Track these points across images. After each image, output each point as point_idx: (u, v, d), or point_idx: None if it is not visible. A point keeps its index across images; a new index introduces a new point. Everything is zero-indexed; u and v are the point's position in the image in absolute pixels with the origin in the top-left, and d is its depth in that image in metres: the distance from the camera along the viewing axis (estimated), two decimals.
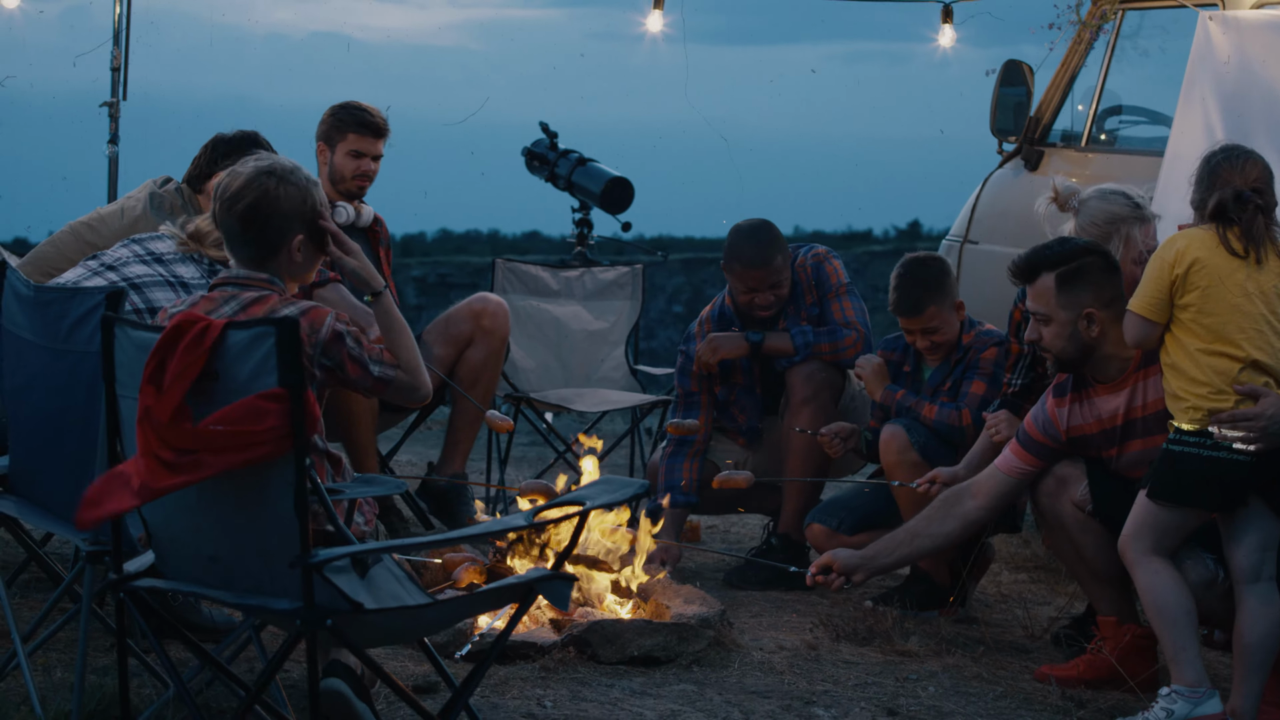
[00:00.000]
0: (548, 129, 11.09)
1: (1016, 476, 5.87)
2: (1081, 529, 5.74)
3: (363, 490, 4.39)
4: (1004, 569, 7.53)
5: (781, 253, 7.08)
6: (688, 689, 5.43)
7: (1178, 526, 5.20)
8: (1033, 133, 8.58)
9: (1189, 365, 5.12)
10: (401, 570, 4.27)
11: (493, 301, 7.60)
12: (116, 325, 3.85)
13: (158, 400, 3.66)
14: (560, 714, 5.08)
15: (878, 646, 6.07)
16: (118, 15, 9.35)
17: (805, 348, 7.06)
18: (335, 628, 3.61)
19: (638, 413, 8.62)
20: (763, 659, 5.82)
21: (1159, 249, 5.26)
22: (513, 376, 8.40)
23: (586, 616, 5.84)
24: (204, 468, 3.61)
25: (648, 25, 9.95)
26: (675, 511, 7.20)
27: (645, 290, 8.94)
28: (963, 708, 5.41)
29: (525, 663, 5.56)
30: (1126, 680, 5.58)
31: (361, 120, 7.45)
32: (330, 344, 4.37)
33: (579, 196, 10.97)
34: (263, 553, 3.69)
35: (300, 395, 3.55)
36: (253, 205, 4.45)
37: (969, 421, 6.55)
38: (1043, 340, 5.59)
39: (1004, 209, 8.71)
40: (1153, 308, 5.19)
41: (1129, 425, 5.57)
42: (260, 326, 3.60)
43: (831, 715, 5.26)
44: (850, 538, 6.64)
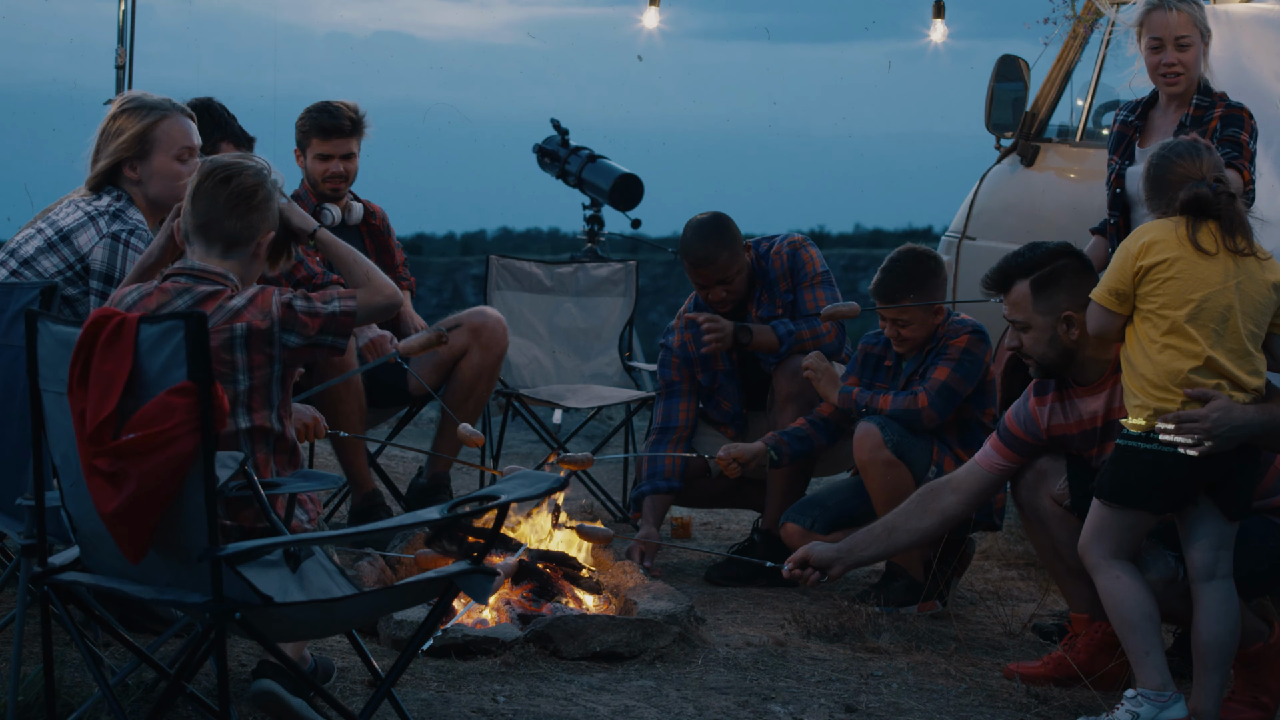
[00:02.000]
0: (559, 125, 11.13)
1: (996, 472, 5.85)
2: (1058, 523, 5.71)
3: (299, 485, 4.41)
4: (994, 565, 7.50)
5: (729, 249, 7.06)
6: (646, 685, 5.42)
7: (1131, 527, 5.16)
8: (1029, 128, 8.54)
9: (1142, 361, 5.08)
10: (334, 565, 4.28)
11: (492, 317, 7.59)
12: (40, 320, 3.87)
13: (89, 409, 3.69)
14: (512, 709, 5.08)
15: (848, 643, 6.06)
16: (122, 13, 9.40)
17: (788, 336, 7.05)
18: (244, 620, 3.62)
19: (630, 408, 8.61)
20: (728, 655, 5.81)
21: (1126, 239, 5.22)
22: (505, 371, 8.40)
23: (553, 612, 5.85)
24: (130, 477, 3.62)
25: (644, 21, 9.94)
26: (657, 499, 7.19)
27: (639, 287, 8.94)
28: (922, 704, 5.39)
29: (486, 658, 5.56)
30: (1096, 678, 5.55)
31: (321, 124, 7.46)
32: (284, 318, 4.47)
33: (589, 193, 11.02)
34: (179, 547, 3.70)
35: (208, 389, 3.56)
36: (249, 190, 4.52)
37: (925, 404, 6.52)
38: (1023, 347, 5.57)
39: (1001, 205, 8.69)
40: (1114, 298, 5.15)
41: (1109, 426, 5.53)
42: (169, 320, 3.61)
43: (789, 712, 5.25)
44: (824, 536, 6.61)
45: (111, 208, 5.34)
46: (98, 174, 5.43)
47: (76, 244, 5.28)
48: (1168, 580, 5.34)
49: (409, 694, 5.13)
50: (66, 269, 5.27)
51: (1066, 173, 8.38)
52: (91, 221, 5.31)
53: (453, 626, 5.60)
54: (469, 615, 5.78)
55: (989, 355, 6.71)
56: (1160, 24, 6.32)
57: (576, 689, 5.33)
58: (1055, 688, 5.59)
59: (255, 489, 4.27)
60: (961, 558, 6.75)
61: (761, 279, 7.18)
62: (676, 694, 5.35)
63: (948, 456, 6.57)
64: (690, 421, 7.33)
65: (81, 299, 5.25)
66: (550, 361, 8.73)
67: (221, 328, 4.41)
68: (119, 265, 5.23)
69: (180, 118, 5.48)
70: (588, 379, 8.74)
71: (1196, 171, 5.14)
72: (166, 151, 5.39)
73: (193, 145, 5.47)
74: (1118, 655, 5.51)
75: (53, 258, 5.26)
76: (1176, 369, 5.01)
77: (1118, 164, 6.49)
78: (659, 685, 5.43)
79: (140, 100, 5.46)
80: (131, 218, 5.34)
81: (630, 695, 5.30)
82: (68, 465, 3.80)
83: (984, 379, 6.71)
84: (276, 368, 4.51)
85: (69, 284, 5.27)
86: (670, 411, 7.31)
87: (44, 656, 3.97)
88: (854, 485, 6.82)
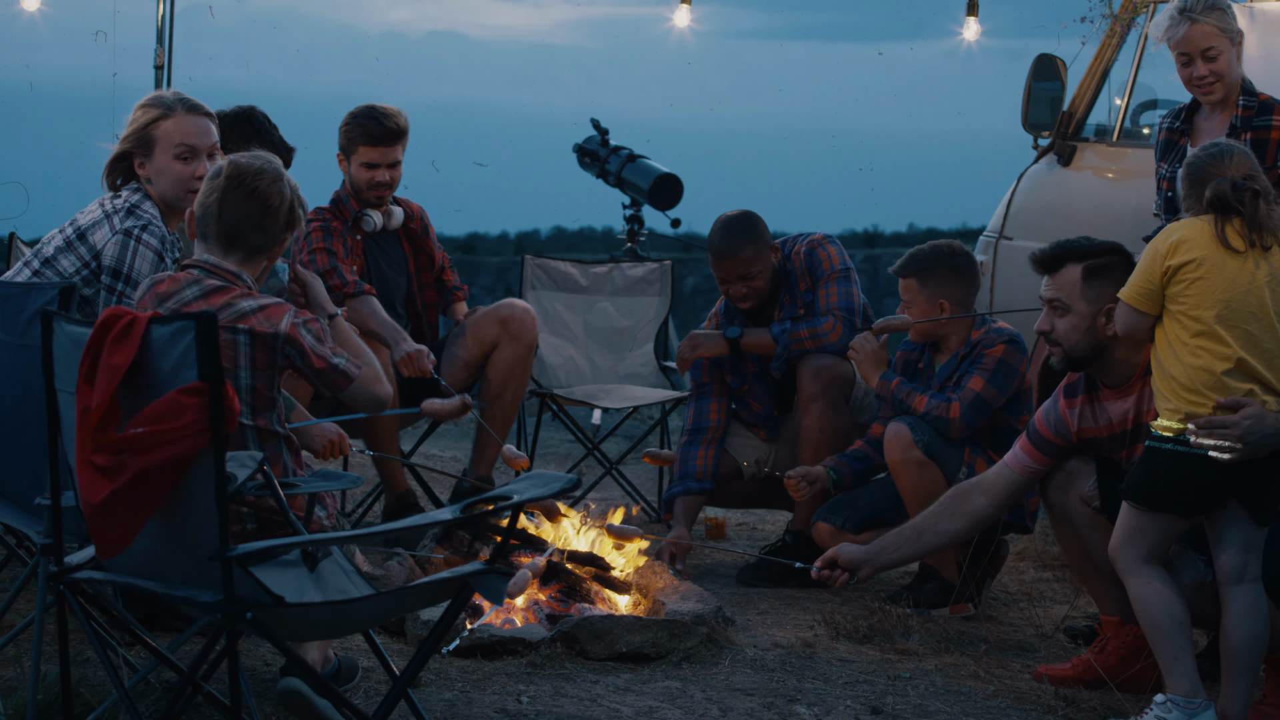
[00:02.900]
0: (599, 125, 11.13)
1: (1026, 474, 5.82)
2: (1088, 525, 5.68)
3: (317, 485, 4.41)
4: (1029, 567, 7.47)
5: (753, 245, 7.04)
6: (672, 686, 5.41)
7: (1161, 531, 5.13)
8: (1066, 127, 8.50)
9: (1173, 363, 5.05)
10: (352, 565, 4.28)
11: (519, 308, 7.57)
12: (55, 320, 3.88)
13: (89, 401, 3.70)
14: (535, 710, 5.07)
15: (877, 645, 6.03)
16: (160, 14, 9.45)
17: (782, 335, 7.03)
18: (256, 620, 3.63)
19: (665, 409, 8.61)
20: (755, 656, 5.79)
21: (1154, 239, 5.19)
22: (540, 372, 8.40)
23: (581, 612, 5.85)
24: (127, 470, 3.63)
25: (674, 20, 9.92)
26: (689, 500, 7.18)
27: (675, 286, 8.92)
28: (949, 706, 5.37)
29: (512, 658, 5.56)
30: (1126, 681, 5.52)
31: (369, 131, 7.38)
32: (291, 337, 4.46)
33: (629, 193, 11.01)
34: (192, 546, 3.71)
35: (219, 389, 3.56)
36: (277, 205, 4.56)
37: (956, 414, 6.49)
38: (1055, 331, 5.53)
39: (1038, 204, 8.65)
40: (1143, 297, 5.12)
41: (1138, 429, 5.50)
42: (180, 321, 3.62)
43: (814, 713, 5.23)
44: (856, 536, 6.60)
45: (127, 203, 5.34)
46: (109, 164, 5.43)
47: (91, 241, 5.29)
48: (1197, 584, 5.31)
49: (432, 694, 5.14)
50: (83, 267, 5.28)
51: (1104, 172, 8.34)
52: (107, 219, 5.32)
53: (479, 627, 5.59)
54: (497, 615, 5.78)
55: (1024, 364, 6.68)
56: (1185, 39, 6.29)
57: (601, 689, 5.33)
58: (1084, 690, 5.56)
59: (273, 488, 4.27)
60: (995, 560, 6.72)
61: (784, 279, 7.16)
62: (701, 695, 5.33)
63: (979, 458, 6.54)
64: (722, 422, 7.32)
65: (97, 298, 5.26)
66: (585, 361, 8.72)
67: (226, 325, 4.42)
68: (129, 261, 5.23)
69: (185, 117, 5.44)
70: (623, 379, 8.73)
71: (1226, 171, 5.11)
72: (165, 151, 5.38)
73: (195, 145, 5.43)
74: (1144, 658, 5.48)
75: (70, 256, 5.27)
76: (1208, 372, 4.98)
77: (1167, 168, 6.45)
78: (684, 686, 5.41)
79: (156, 97, 5.46)
80: (145, 213, 5.34)
81: (655, 696, 5.29)
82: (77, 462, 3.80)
83: (1019, 388, 6.67)
84: (276, 376, 4.52)
85: (85, 283, 5.28)
86: (702, 412, 7.31)
87: (60, 656, 3.98)
88: (886, 486, 6.79)
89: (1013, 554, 7.46)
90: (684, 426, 7.39)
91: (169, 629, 5.41)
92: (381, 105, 7.45)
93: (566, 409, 8.44)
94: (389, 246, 7.63)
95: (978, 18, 9.70)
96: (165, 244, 5.34)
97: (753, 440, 7.41)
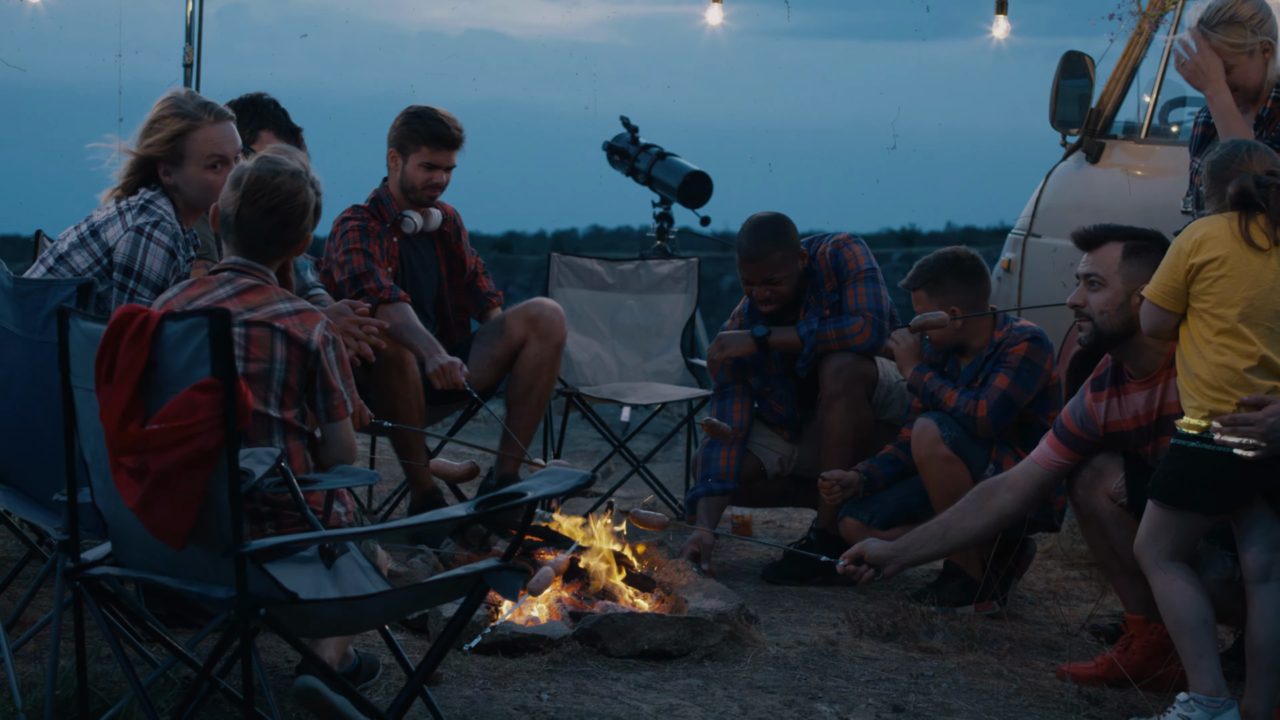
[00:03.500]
0: (628, 123, 11.12)
1: (1053, 470, 5.81)
2: (1115, 522, 5.67)
3: (336, 481, 4.41)
4: (1057, 565, 7.44)
5: (781, 249, 7.03)
6: (693, 683, 5.40)
7: (1186, 529, 5.11)
8: (1094, 125, 8.47)
9: (1197, 361, 5.04)
10: (369, 562, 4.29)
11: (548, 306, 7.57)
12: (71, 316, 3.89)
13: (109, 402, 3.71)
14: (555, 706, 5.07)
15: (900, 643, 6.02)
16: (190, 12, 9.46)
17: (810, 336, 7.02)
18: (269, 616, 3.63)
19: (692, 406, 8.60)
20: (778, 654, 5.79)
21: (1179, 236, 5.17)
22: (566, 369, 8.39)
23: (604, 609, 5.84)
24: (150, 470, 3.64)
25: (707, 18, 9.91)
26: (712, 500, 7.17)
27: (712, 285, 8.90)
28: (971, 705, 5.35)
29: (534, 656, 5.56)
30: (1149, 680, 5.50)
31: (437, 133, 7.39)
32: (318, 351, 4.47)
33: (658, 191, 10.99)
34: (209, 541, 3.72)
35: (232, 385, 3.57)
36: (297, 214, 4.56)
37: (984, 413, 6.48)
38: (1088, 305, 5.54)
39: (1067, 202, 8.61)
40: (1167, 295, 5.11)
41: (1162, 421, 5.49)
42: (194, 318, 3.62)
43: (835, 711, 5.21)
44: (883, 532, 6.60)
45: (141, 200, 5.34)
46: (130, 170, 5.42)
47: (104, 238, 5.29)
48: (1224, 580, 5.29)
49: (453, 691, 5.14)
50: (95, 264, 5.28)
51: (1133, 169, 8.30)
52: (120, 216, 5.31)
53: (501, 624, 5.59)
54: (519, 612, 5.78)
55: (1049, 361, 6.66)
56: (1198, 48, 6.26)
57: (623, 687, 5.32)
58: (1108, 689, 5.54)
59: (291, 485, 4.28)
60: (1021, 558, 6.70)
61: (810, 279, 7.14)
62: (723, 692, 5.33)
63: (1007, 455, 6.52)
64: (745, 423, 7.31)
65: (110, 294, 5.27)
66: (612, 359, 8.71)
67: (264, 320, 4.43)
68: (139, 258, 5.23)
69: (215, 126, 5.44)
70: (649, 376, 8.72)
71: (1248, 167, 5.09)
72: (197, 162, 5.37)
73: (225, 154, 5.42)
74: (1168, 657, 5.46)
75: (83, 252, 5.27)
76: (1232, 369, 4.96)
77: (1199, 164, 6.42)
78: (705, 684, 5.41)
79: (182, 102, 5.45)
80: (158, 209, 5.33)
81: (676, 694, 5.29)
82: (98, 461, 3.82)
83: (1045, 385, 6.65)
84: (301, 376, 4.52)
85: (98, 280, 5.29)
86: (725, 413, 7.29)
87: (77, 652, 3.99)
88: (913, 482, 6.78)
89: (1040, 552, 7.43)
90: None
91: (192, 626, 5.42)
92: (440, 110, 7.47)
93: (594, 407, 8.43)
94: (422, 248, 7.63)
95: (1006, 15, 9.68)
96: (178, 242, 5.34)
97: (776, 440, 7.40)
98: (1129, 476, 5.62)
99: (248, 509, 4.37)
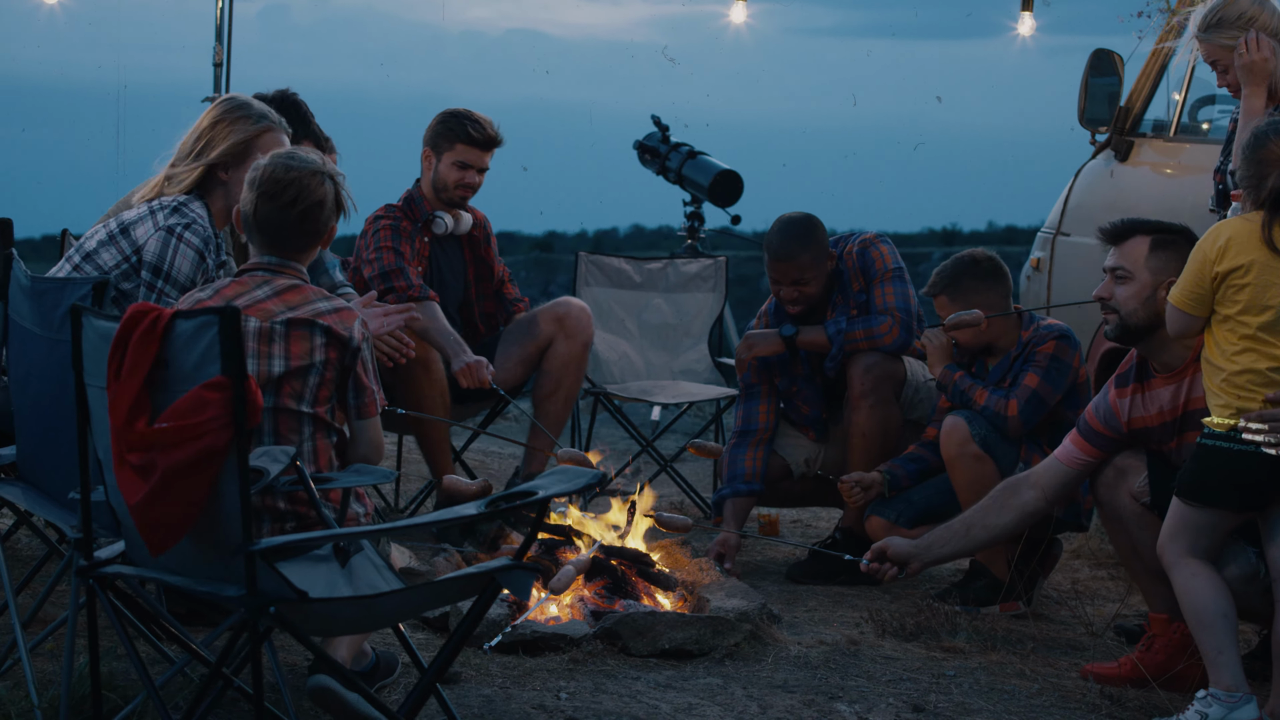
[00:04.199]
0: (659, 122, 11.11)
1: (1076, 467, 5.79)
2: (1138, 522, 5.64)
3: (352, 479, 4.42)
4: (1084, 565, 7.42)
5: (810, 250, 7.00)
6: (713, 683, 5.39)
7: (1211, 526, 5.09)
8: (1123, 123, 8.43)
9: (1223, 362, 5.02)
10: (383, 560, 4.29)
11: (575, 306, 7.58)
12: (84, 315, 3.90)
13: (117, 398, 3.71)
14: (573, 705, 5.06)
15: (923, 642, 6.00)
16: (219, 10, 9.49)
17: (838, 335, 7.00)
18: (279, 615, 3.63)
19: (720, 405, 8.59)
20: (799, 653, 5.77)
21: (1202, 240, 5.14)
22: (594, 368, 8.39)
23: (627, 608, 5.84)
24: (158, 468, 3.64)
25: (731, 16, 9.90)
26: (738, 501, 7.16)
27: (738, 283, 8.90)
28: (992, 705, 5.33)
29: (554, 654, 5.55)
30: (1172, 680, 5.48)
31: (471, 133, 7.42)
32: (358, 349, 4.53)
33: (689, 190, 10.98)
34: (220, 540, 3.72)
35: (241, 383, 3.57)
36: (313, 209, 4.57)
37: (1014, 412, 6.46)
38: (1114, 298, 5.53)
39: (1096, 200, 8.59)
40: (1193, 302, 5.09)
41: (1187, 416, 5.47)
42: (204, 315, 3.63)
43: (854, 711, 5.20)
44: (910, 530, 6.59)
45: (174, 201, 5.37)
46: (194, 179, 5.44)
47: (134, 236, 5.31)
48: (1248, 576, 5.26)
49: (472, 690, 5.14)
50: (123, 261, 5.30)
51: (1162, 168, 8.27)
52: (150, 215, 5.34)
53: (522, 623, 5.59)
54: (541, 611, 5.78)
55: (1077, 358, 6.63)
56: (1204, 54, 6.32)
57: (642, 686, 5.31)
58: (1130, 689, 5.51)
59: (306, 483, 4.28)
60: (1048, 558, 6.67)
61: (837, 278, 7.12)
62: (742, 692, 5.32)
63: (1036, 454, 6.49)
64: (771, 423, 7.30)
65: (136, 293, 5.28)
66: (640, 358, 8.71)
67: (304, 319, 4.45)
68: (169, 258, 5.25)
69: (278, 133, 5.51)
70: (677, 375, 8.72)
71: None
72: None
73: None
74: (1188, 655, 5.44)
75: (111, 250, 5.30)
76: (1256, 371, 4.94)
77: (1221, 159, 6.40)
78: (725, 683, 5.40)
79: (244, 108, 5.48)
80: (191, 211, 5.36)
81: (695, 693, 5.28)
82: (109, 459, 3.82)
83: (1074, 383, 6.63)
84: (337, 374, 4.53)
85: (125, 278, 5.30)
86: (750, 414, 7.29)
87: (90, 650, 4.00)
88: (941, 481, 6.76)
89: (1068, 552, 7.41)
90: (733, 428, 7.37)
91: (212, 624, 5.43)
92: (476, 112, 7.49)
93: (622, 406, 8.42)
94: (450, 251, 7.64)
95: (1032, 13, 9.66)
96: (208, 245, 5.36)
97: (802, 440, 7.39)
98: (1152, 476, 5.59)
99: (268, 507, 4.39)
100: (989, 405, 6.52)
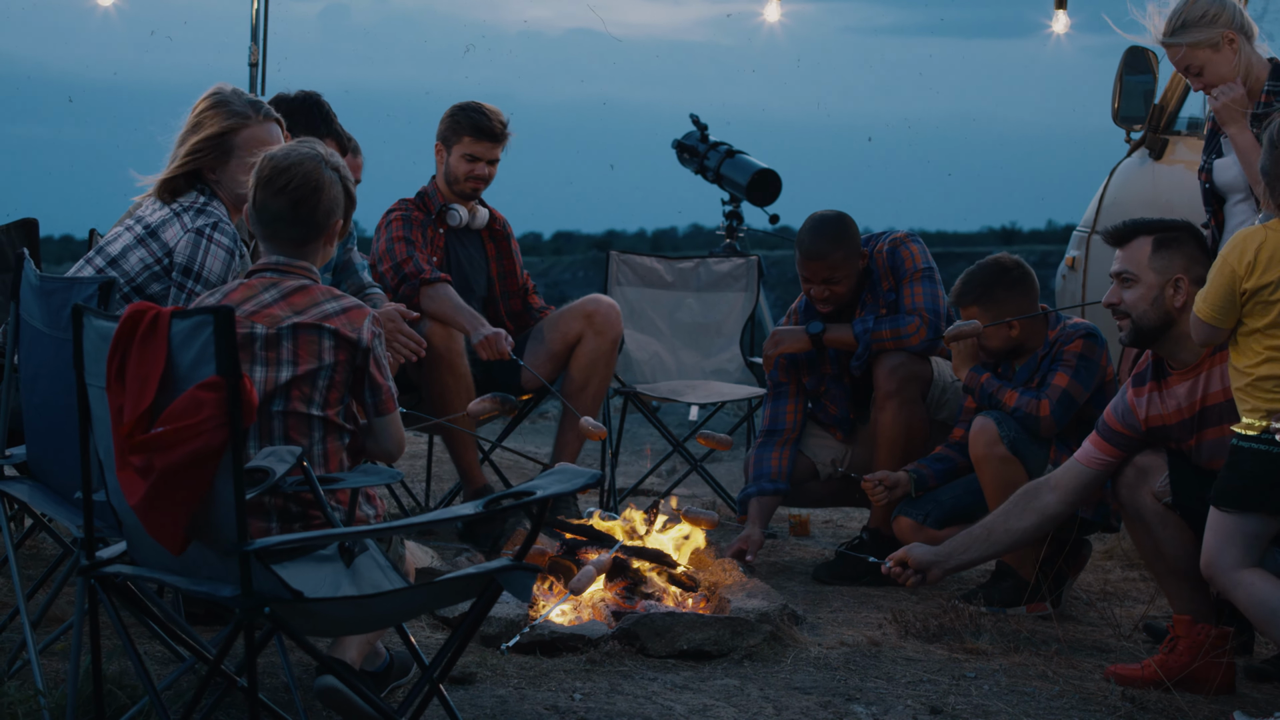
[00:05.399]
0: (698, 121, 11.11)
1: (1096, 468, 5.76)
2: (1160, 522, 5.60)
3: (359, 480, 4.42)
4: (1116, 565, 7.37)
5: (842, 249, 6.96)
6: (730, 684, 5.37)
7: (1254, 533, 5.05)
8: (1158, 120, 8.38)
9: (1247, 368, 4.99)
10: (386, 560, 4.28)
11: (604, 303, 7.58)
12: (85, 314, 3.91)
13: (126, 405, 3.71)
14: (586, 706, 5.05)
15: (945, 644, 5.96)
16: (255, 11, 9.51)
17: (864, 334, 6.96)
18: (274, 615, 3.63)
19: (751, 405, 8.57)
20: (819, 655, 5.74)
21: (1226, 249, 5.09)
22: (625, 368, 8.38)
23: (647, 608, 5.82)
24: (155, 469, 3.64)
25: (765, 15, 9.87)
26: (763, 500, 7.14)
27: (761, 282, 8.87)
28: (1011, 707, 5.29)
29: (573, 655, 5.54)
30: (1193, 682, 5.43)
31: (478, 124, 7.47)
32: (369, 349, 4.51)
33: (727, 189, 10.97)
34: (218, 540, 3.72)
35: (236, 383, 3.57)
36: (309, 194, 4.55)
37: (1047, 413, 6.43)
38: (1123, 303, 5.52)
39: (1131, 198, 8.54)
40: (1221, 315, 5.07)
41: (1204, 413, 5.45)
42: (199, 315, 3.63)
43: (871, 713, 5.17)
44: (938, 531, 6.56)
45: (196, 203, 5.38)
46: (173, 177, 5.43)
47: (163, 238, 5.33)
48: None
49: (486, 690, 5.13)
50: (154, 263, 5.32)
51: (1196, 165, 8.20)
52: (176, 217, 5.35)
53: (540, 623, 5.58)
54: (562, 611, 5.77)
55: (1104, 356, 6.60)
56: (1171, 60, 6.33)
57: (659, 687, 5.30)
58: (1153, 691, 5.46)
59: (312, 484, 4.28)
60: (1076, 559, 6.63)
61: (867, 277, 7.09)
62: (759, 693, 5.29)
63: (1064, 455, 6.44)
64: (798, 423, 7.27)
65: (166, 294, 5.30)
66: (671, 357, 8.69)
67: (312, 323, 4.44)
68: (200, 259, 5.27)
69: (262, 126, 5.46)
70: (709, 375, 8.69)
71: None
72: (242, 159, 5.38)
73: None
74: (1201, 656, 5.40)
75: (140, 252, 5.31)
76: (1277, 375, 4.92)
77: (1204, 159, 6.40)
78: (742, 684, 5.37)
79: (226, 100, 5.47)
80: (215, 212, 5.37)
81: (711, 694, 5.26)
82: (110, 459, 3.83)
83: (1102, 381, 6.59)
84: (350, 374, 4.52)
85: (155, 279, 5.31)
86: (778, 414, 7.27)
87: (92, 650, 4.00)
88: (969, 481, 6.73)
89: (1098, 553, 7.37)
90: (759, 428, 7.35)
91: (225, 623, 5.44)
92: (486, 104, 7.52)
93: (654, 405, 8.41)
94: (471, 246, 7.65)
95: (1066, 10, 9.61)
96: (237, 243, 5.37)
97: (829, 440, 7.36)
98: (1173, 475, 5.56)
99: (277, 507, 4.39)
100: (1020, 406, 6.48)
